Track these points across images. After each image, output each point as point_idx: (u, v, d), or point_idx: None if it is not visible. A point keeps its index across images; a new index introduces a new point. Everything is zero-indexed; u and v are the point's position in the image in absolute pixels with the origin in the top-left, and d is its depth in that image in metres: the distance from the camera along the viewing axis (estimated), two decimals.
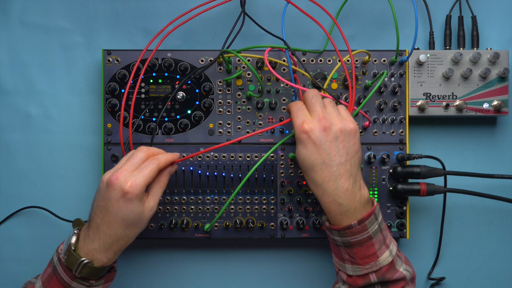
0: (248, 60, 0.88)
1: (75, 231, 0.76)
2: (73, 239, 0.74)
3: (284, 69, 0.89)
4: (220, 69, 0.89)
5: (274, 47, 0.86)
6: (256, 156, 0.89)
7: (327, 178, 0.72)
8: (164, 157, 0.77)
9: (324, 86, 0.85)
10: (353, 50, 0.87)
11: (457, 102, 0.89)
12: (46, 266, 0.78)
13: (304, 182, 0.88)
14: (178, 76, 0.88)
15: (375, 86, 0.84)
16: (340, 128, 0.73)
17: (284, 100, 0.89)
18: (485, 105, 0.90)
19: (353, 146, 0.74)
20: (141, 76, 0.85)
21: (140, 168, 0.73)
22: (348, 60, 0.89)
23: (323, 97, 0.78)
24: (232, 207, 0.89)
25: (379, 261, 0.73)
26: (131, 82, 0.86)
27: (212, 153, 0.89)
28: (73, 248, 0.73)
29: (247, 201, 0.89)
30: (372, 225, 0.73)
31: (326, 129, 0.72)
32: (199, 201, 0.88)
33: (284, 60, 0.88)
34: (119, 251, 0.75)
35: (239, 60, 0.89)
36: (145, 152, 0.76)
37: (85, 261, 0.72)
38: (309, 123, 0.73)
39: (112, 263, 0.76)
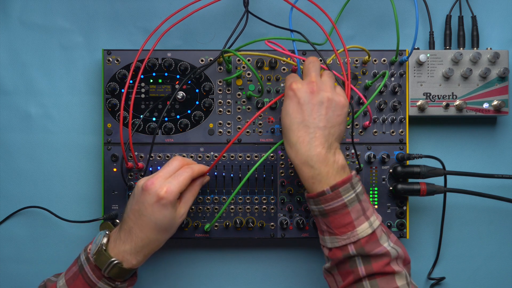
0: (248, 60, 0.88)
1: (106, 232, 0.78)
2: (104, 240, 0.76)
3: (284, 69, 0.89)
4: (220, 69, 0.89)
5: (277, 38, 0.84)
6: (256, 156, 0.89)
7: (302, 138, 0.73)
8: (198, 167, 0.80)
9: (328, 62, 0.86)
10: (351, 50, 0.87)
11: (457, 102, 0.89)
12: (71, 265, 0.79)
13: None
14: (178, 76, 0.88)
15: (379, 87, 0.84)
16: (328, 97, 0.74)
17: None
18: (485, 105, 0.90)
19: (337, 117, 0.74)
20: (140, 75, 0.85)
21: (175, 176, 0.76)
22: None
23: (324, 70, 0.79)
24: (232, 207, 0.89)
25: (357, 231, 0.72)
26: (131, 82, 0.86)
27: (212, 153, 0.89)
28: (104, 248, 0.75)
29: (247, 201, 0.89)
30: (347, 193, 0.72)
31: (313, 92, 0.73)
32: (199, 201, 0.88)
33: (285, 59, 0.88)
34: (149, 255, 0.77)
35: (239, 60, 0.89)
36: (180, 161, 0.79)
37: (115, 262, 0.74)
38: (298, 83, 0.75)
39: (140, 265, 0.77)
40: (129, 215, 0.75)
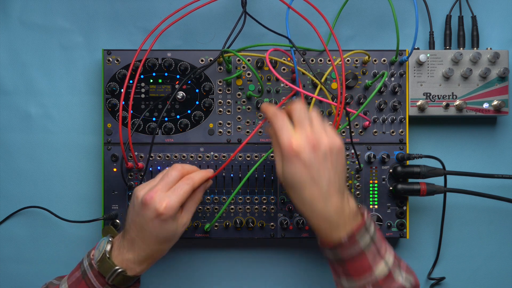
0: (248, 60, 0.88)
1: (110, 239, 0.77)
2: (108, 247, 0.75)
3: (284, 69, 0.89)
4: (220, 69, 0.89)
5: (276, 45, 0.85)
6: (256, 156, 0.89)
7: (317, 196, 0.69)
8: (199, 176, 0.76)
9: (322, 80, 0.85)
10: (351, 50, 0.87)
11: (457, 102, 0.89)
12: (73, 269, 0.78)
13: None
14: (178, 76, 0.88)
15: (376, 88, 0.84)
16: (329, 146, 0.69)
17: (284, 100, 0.89)
18: (485, 105, 0.90)
19: (341, 163, 0.71)
20: (138, 74, 0.85)
21: (175, 189, 0.73)
22: (348, 60, 0.89)
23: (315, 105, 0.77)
24: (232, 207, 0.89)
25: (374, 274, 0.71)
26: (130, 81, 0.86)
27: (212, 153, 0.89)
28: (107, 256, 0.74)
29: (247, 201, 0.89)
30: (363, 238, 0.71)
31: (315, 148, 0.69)
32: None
33: (284, 60, 0.88)
34: (153, 263, 0.77)
35: (239, 60, 0.89)
36: (179, 171, 0.76)
37: (119, 270, 0.73)
38: (298, 142, 0.68)
39: (144, 272, 0.77)
40: (131, 226, 0.74)
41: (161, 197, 0.72)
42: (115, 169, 0.88)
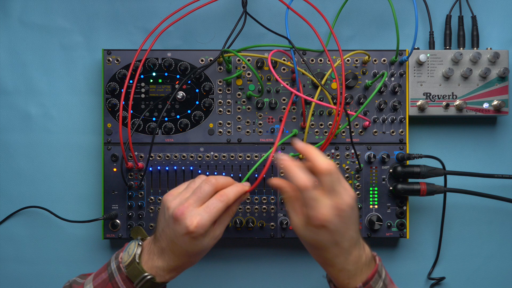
0: (248, 60, 0.88)
1: (140, 243, 0.73)
2: (138, 251, 0.72)
3: (284, 69, 0.89)
4: (220, 69, 0.89)
5: (276, 46, 0.86)
6: (256, 156, 0.89)
7: (339, 253, 0.69)
8: (233, 191, 0.71)
9: (322, 82, 0.85)
10: (351, 50, 0.87)
11: (457, 102, 0.89)
12: (100, 269, 0.75)
13: None
14: (178, 76, 0.88)
15: (376, 88, 0.84)
16: (349, 205, 0.67)
17: (284, 100, 0.89)
18: (485, 105, 0.90)
19: (357, 215, 0.70)
20: (138, 74, 0.85)
21: (207, 206, 0.69)
22: (348, 60, 0.89)
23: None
24: None
25: None
26: (130, 81, 0.86)
27: (212, 153, 0.89)
28: (137, 261, 0.71)
29: (247, 201, 0.89)
30: (376, 284, 0.71)
31: (340, 213, 0.66)
32: None
33: (284, 60, 0.88)
34: (182, 271, 0.74)
35: (239, 60, 0.89)
36: (213, 185, 0.71)
37: (149, 277, 0.70)
38: (324, 215, 0.66)
39: (172, 279, 0.74)
40: (162, 236, 0.71)
41: (192, 214, 0.68)
42: (115, 169, 0.88)
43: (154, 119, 0.88)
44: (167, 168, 0.88)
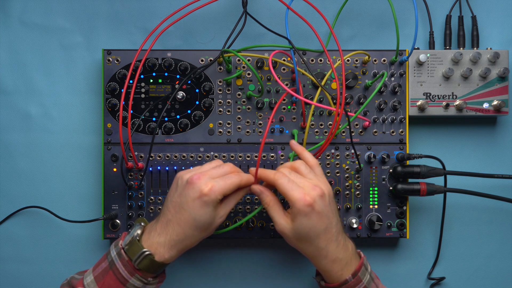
0: (248, 60, 0.88)
1: (142, 224, 0.76)
2: (139, 231, 0.74)
3: (284, 69, 0.89)
4: (220, 69, 0.89)
5: (276, 47, 0.86)
6: (256, 156, 0.89)
7: (330, 240, 0.74)
8: (246, 176, 0.77)
9: (322, 83, 0.85)
10: (351, 50, 0.87)
11: (457, 102, 0.89)
12: (99, 260, 0.76)
13: None
14: (178, 76, 0.88)
15: (376, 89, 0.84)
16: (328, 191, 0.75)
17: (284, 100, 0.89)
18: (485, 105, 0.90)
19: (335, 204, 0.77)
20: (138, 74, 0.85)
21: (223, 177, 0.74)
22: (348, 60, 0.89)
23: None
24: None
25: None
26: (130, 81, 0.86)
27: (212, 153, 0.89)
28: (137, 239, 0.73)
29: (247, 201, 0.89)
30: (364, 276, 0.76)
31: (322, 196, 0.73)
32: None
33: (284, 60, 0.88)
34: (182, 251, 0.75)
35: (239, 60, 0.89)
36: (232, 167, 0.78)
37: (147, 253, 0.72)
38: (310, 195, 0.72)
39: (172, 261, 0.76)
40: (169, 208, 0.74)
41: (207, 180, 0.72)
42: (115, 169, 0.88)
43: (154, 119, 0.88)
44: (167, 168, 0.88)
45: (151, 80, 0.88)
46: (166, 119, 0.88)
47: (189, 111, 0.88)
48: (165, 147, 0.88)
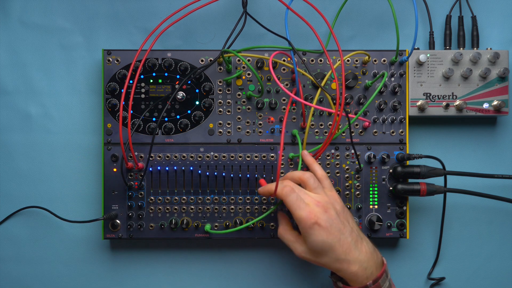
0: (248, 60, 0.88)
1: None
2: None
3: (284, 69, 0.89)
4: (220, 69, 0.89)
5: (276, 48, 0.86)
6: (256, 156, 0.89)
7: (348, 249, 0.75)
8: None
9: (322, 84, 0.85)
10: (351, 50, 0.87)
11: (457, 102, 0.89)
12: None
13: None
14: (178, 76, 0.88)
15: (376, 90, 0.84)
16: (332, 205, 0.77)
17: (284, 100, 0.89)
18: (485, 105, 0.90)
19: (347, 213, 0.79)
20: (138, 74, 0.85)
21: None
22: (348, 60, 0.89)
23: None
24: (232, 207, 0.89)
25: None
26: (130, 82, 0.86)
27: (212, 153, 0.89)
28: None
29: (247, 201, 0.89)
30: (384, 283, 0.77)
31: (327, 210, 0.76)
32: (199, 201, 0.88)
33: (284, 60, 0.88)
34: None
35: (239, 60, 0.89)
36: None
37: None
38: (314, 212, 0.75)
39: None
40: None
41: None
42: (115, 169, 0.88)
43: (154, 119, 0.88)
44: (167, 168, 0.88)
45: (151, 80, 0.88)
46: (166, 119, 0.88)
47: (189, 111, 0.88)
48: (165, 147, 0.88)
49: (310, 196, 0.77)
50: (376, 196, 0.89)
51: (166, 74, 0.88)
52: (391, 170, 0.89)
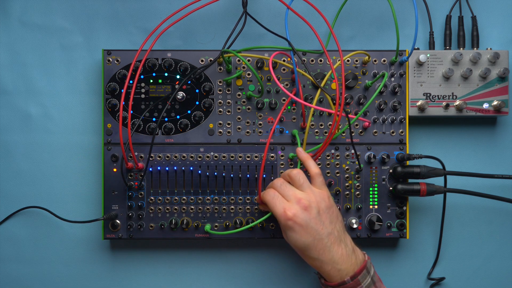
0: (248, 60, 0.88)
1: None
2: None
3: (284, 69, 0.89)
4: (220, 69, 0.89)
5: (276, 48, 0.86)
6: (256, 156, 0.89)
7: (321, 250, 0.76)
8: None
9: (322, 85, 0.85)
10: (351, 50, 0.87)
11: (457, 102, 0.89)
12: None
13: None
14: (178, 76, 0.88)
15: (376, 90, 0.84)
16: (316, 203, 0.77)
17: (283, 100, 0.89)
18: (485, 105, 0.90)
19: (333, 213, 0.79)
20: (138, 75, 0.85)
21: None
22: (348, 60, 0.89)
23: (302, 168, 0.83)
24: (232, 207, 0.89)
25: None
26: (130, 82, 0.86)
27: (212, 153, 0.89)
28: None
29: (247, 201, 0.89)
30: (364, 279, 0.77)
31: (307, 208, 0.76)
32: (199, 201, 0.88)
33: (284, 60, 0.88)
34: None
35: (239, 60, 0.89)
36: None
37: None
38: (291, 209, 0.76)
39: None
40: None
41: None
42: (115, 169, 0.88)
43: (154, 119, 0.88)
44: (167, 169, 0.88)
45: (151, 81, 0.88)
46: (166, 119, 0.88)
47: (189, 112, 0.88)
48: (165, 147, 0.88)
49: (295, 193, 0.77)
50: (376, 196, 0.89)
51: (166, 74, 0.88)
52: (391, 170, 0.89)
